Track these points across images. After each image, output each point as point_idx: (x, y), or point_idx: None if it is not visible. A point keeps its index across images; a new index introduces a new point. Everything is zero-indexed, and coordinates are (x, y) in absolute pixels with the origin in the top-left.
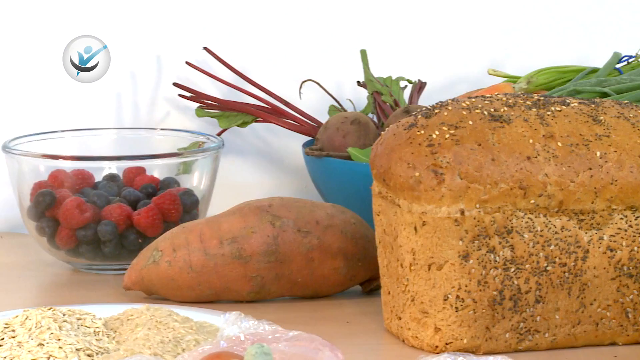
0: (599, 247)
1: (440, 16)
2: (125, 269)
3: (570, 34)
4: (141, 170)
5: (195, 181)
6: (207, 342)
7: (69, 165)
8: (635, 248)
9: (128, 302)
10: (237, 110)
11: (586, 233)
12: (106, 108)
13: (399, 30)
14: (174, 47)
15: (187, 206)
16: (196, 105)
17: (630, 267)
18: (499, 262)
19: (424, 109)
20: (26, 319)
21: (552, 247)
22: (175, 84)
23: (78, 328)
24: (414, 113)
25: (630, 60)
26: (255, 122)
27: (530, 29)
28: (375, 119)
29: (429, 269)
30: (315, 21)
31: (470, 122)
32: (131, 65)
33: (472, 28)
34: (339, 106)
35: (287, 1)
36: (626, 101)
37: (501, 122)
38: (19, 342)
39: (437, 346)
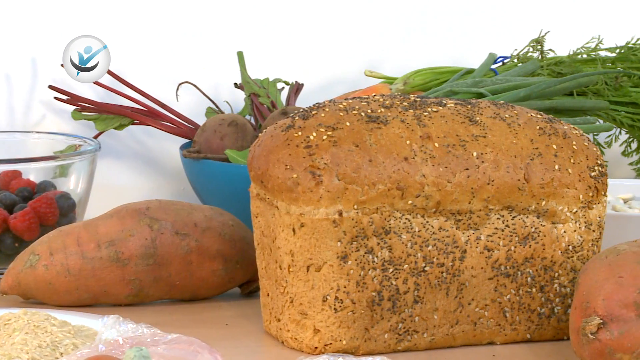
0: (477, 247)
1: (317, 18)
2: (1, 274)
3: (445, 35)
4: (17, 174)
5: (72, 184)
6: (85, 346)
7: None
8: (512, 248)
9: (5, 306)
10: (114, 113)
11: (463, 233)
12: None
13: (276, 32)
14: (49, 49)
15: (64, 209)
16: (72, 108)
17: (507, 267)
18: (377, 263)
19: (301, 110)
20: None
21: (430, 248)
22: (50, 87)
23: None
24: (291, 115)
25: (505, 61)
26: (132, 124)
27: (406, 30)
28: (252, 121)
29: (307, 271)
30: (192, 23)
31: (348, 124)
32: (6, 67)
33: (348, 29)
34: (216, 108)
35: (162, 3)
36: (502, 101)
37: (378, 123)
38: None
39: (316, 347)
